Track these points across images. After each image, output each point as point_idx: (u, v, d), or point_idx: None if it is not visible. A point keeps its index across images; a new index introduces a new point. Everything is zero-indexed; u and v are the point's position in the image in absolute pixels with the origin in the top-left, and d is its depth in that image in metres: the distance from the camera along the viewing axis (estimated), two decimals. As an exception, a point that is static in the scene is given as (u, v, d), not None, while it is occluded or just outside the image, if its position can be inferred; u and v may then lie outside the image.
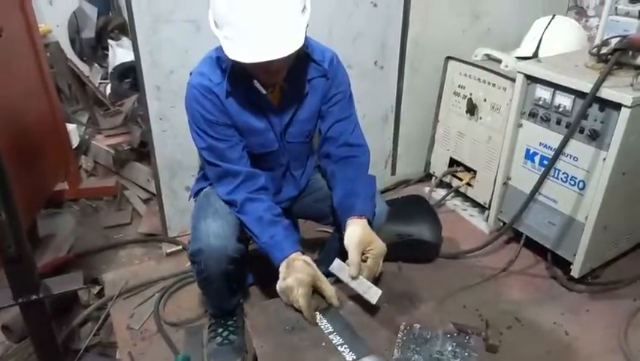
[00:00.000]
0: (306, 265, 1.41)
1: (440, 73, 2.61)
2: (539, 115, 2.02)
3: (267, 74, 1.41)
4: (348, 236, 1.44)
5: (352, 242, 1.42)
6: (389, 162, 2.77)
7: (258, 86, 1.45)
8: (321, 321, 1.56)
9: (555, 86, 1.93)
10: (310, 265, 1.42)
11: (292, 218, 1.93)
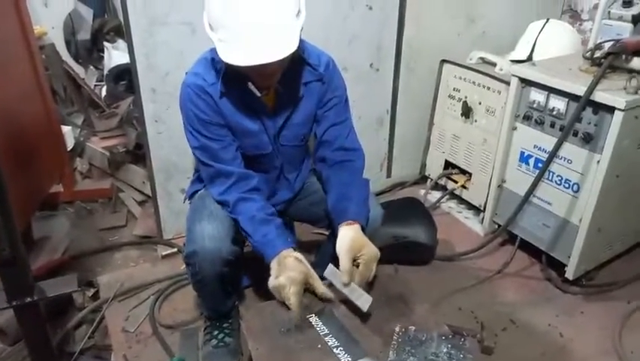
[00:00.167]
0: (298, 263, 1.41)
1: (435, 76, 2.62)
2: (534, 118, 2.03)
3: (262, 77, 1.42)
4: (339, 242, 1.45)
5: (343, 248, 1.42)
6: (384, 165, 2.78)
7: (253, 89, 1.46)
8: (316, 323, 1.56)
9: (549, 90, 1.94)
10: (302, 262, 1.42)
11: (287, 221, 1.94)
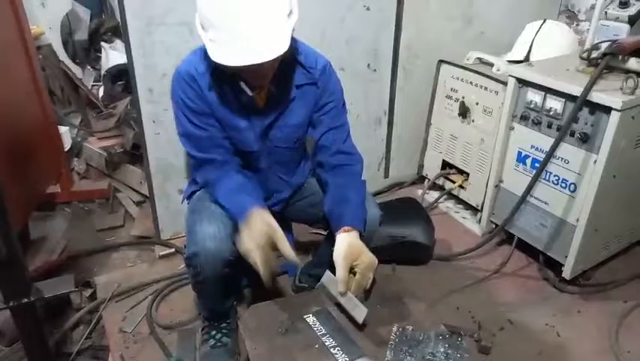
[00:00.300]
0: (262, 223, 1.38)
1: (433, 76, 2.62)
2: (531, 118, 2.03)
3: (253, 77, 1.42)
4: (336, 250, 1.45)
5: (340, 256, 1.42)
6: (382, 165, 2.78)
7: (244, 87, 1.45)
8: (314, 323, 1.57)
9: (546, 90, 1.95)
10: (267, 224, 1.39)
11: (286, 221, 1.94)
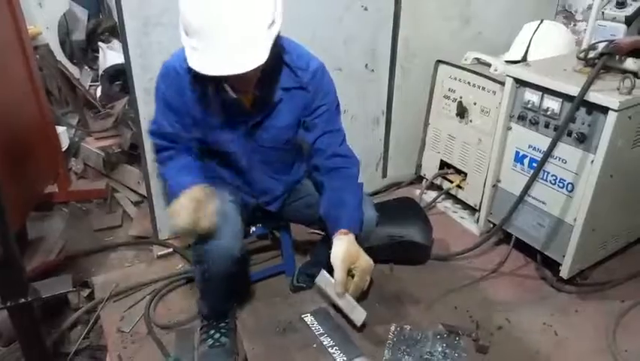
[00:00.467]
0: (190, 201, 1.35)
1: (430, 76, 2.62)
2: (528, 118, 2.04)
3: (235, 83, 1.41)
4: (333, 253, 1.45)
5: (338, 259, 1.43)
6: (380, 165, 2.78)
7: (228, 89, 1.44)
8: (312, 323, 1.57)
9: (543, 90, 1.95)
10: (195, 200, 1.37)
11: (284, 221, 1.94)
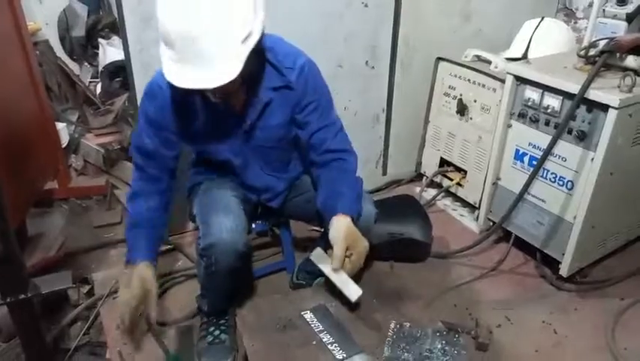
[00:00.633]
0: (139, 282, 1.42)
1: (431, 73, 2.62)
2: (528, 116, 2.04)
3: (216, 91, 1.37)
4: (333, 230, 1.45)
5: (339, 237, 1.43)
6: (380, 162, 2.78)
7: (210, 96, 1.42)
8: (311, 320, 1.57)
9: (544, 87, 1.95)
10: (145, 281, 1.43)
11: (284, 218, 1.94)
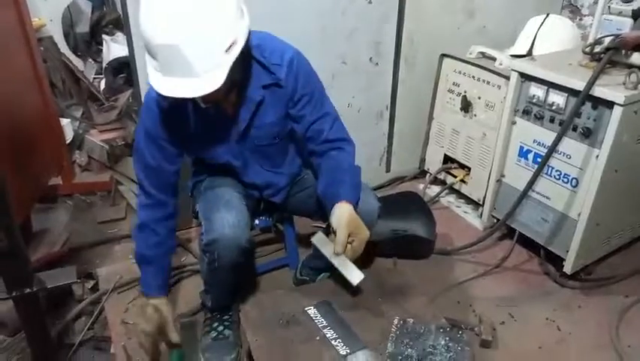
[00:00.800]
0: (154, 313, 1.49)
1: (435, 70, 2.61)
2: (533, 113, 2.03)
3: (203, 101, 1.38)
4: (336, 215, 1.45)
5: (342, 222, 1.43)
6: (384, 159, 2.78)
7: (199, 101, 1.40)
8: (315, 316, 1.57)
9: (549, 84, 1.94)
10: (159, 311, 1.49)
11: (287, 214, 1.94)
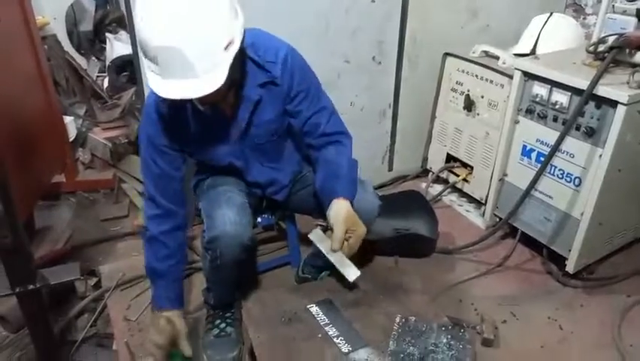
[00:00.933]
0: (167, 324, 1.51)
1: (438, 69, 2.61)
2: (536, 112, 2.03)
3: (202, 98, 1.34)
4: (334, 212, 1.46)
5: (339, 219, 1.44)
6: (386, 158, 2.78)
7: (197, 103, 1.41)
8: (317, 313, 1.57)
9: (552, 83, 1.94)
10: (172, 324, 1.51)
11: (289, 212, 1.94)
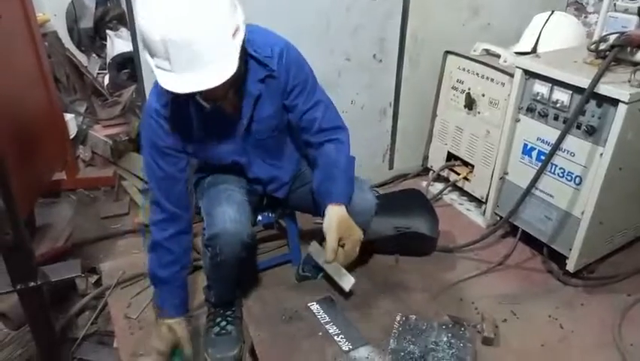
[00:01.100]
0: (168, 331, 1.52)
1: (439, 67, 2.61)
2: (537, 110, 2.02)
3: (207, 95, 1.35)
4: (326, 221, 1.47)
5: (331, 227, 1.45)
6: (387, 156, 2.78)
7: (201, 101, 1.39)
8: (317, 311, 1.58)
9: (553, 82, 1.93)
10: (173, 331, 1.52)
11: (289, 210, 1.94)
